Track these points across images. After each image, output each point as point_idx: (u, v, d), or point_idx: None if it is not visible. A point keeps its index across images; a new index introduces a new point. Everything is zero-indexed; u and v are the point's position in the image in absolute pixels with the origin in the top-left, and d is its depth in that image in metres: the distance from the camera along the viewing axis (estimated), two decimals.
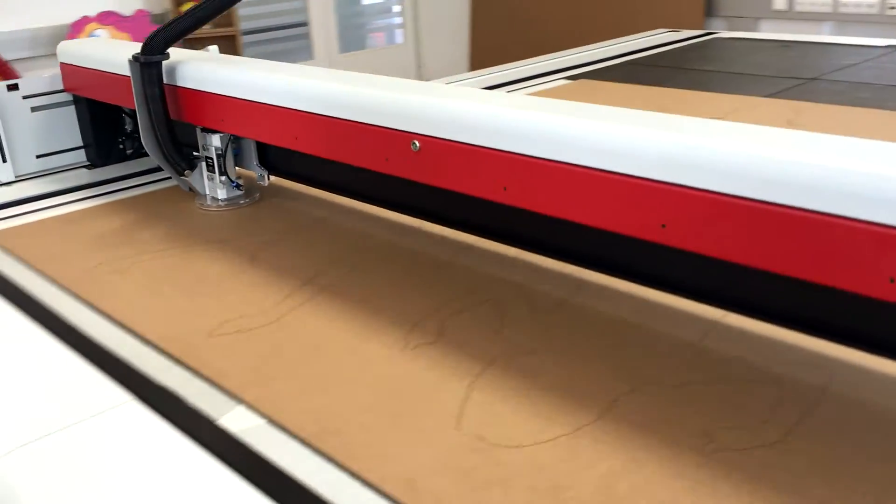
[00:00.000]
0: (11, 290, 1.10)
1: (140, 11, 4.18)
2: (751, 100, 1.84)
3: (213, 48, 1.50)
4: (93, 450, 0.76)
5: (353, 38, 5.23)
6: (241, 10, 4.40)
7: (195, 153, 1.39)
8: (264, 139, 1.25)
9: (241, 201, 1.40)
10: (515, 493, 0.67)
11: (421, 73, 5.41)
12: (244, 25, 4.49)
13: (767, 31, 3.04)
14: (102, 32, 4.09)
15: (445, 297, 1.01)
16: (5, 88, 1.54)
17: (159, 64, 1.29)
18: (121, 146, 1.67)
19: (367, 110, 1.02)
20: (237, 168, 1.40)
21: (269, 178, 1.38)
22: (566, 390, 0.81)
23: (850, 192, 0.64)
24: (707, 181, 0.72)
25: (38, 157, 1.61)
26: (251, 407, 0.81)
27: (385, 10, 5.44)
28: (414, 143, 0.96)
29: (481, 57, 5.11)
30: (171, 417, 0.80)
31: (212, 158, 1.37)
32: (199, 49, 1.49)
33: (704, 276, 0.86)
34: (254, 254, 1.18)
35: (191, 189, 1.43)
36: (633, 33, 2.90)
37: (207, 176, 1.39)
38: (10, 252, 1.23)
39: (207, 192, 1.40)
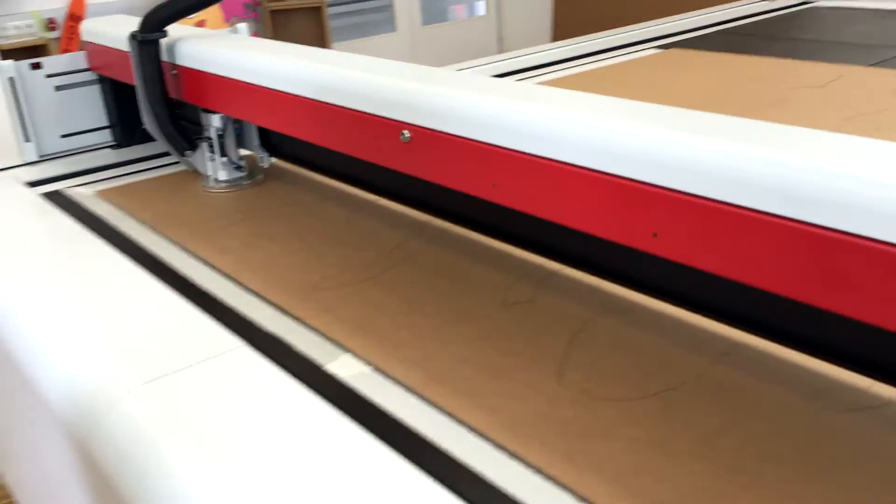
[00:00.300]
0: (129, 245, 1.17)
1: None
2: (853, 69, 1.78)
3: (243, 26, 1.47)
4: (209, 389, 0.80)
5: (436, 10, 5.23)
6: None
7: (197, 136, 1.36)
8: (260, 123, 1.21)
9: (244, 182, 1.36)
10: (617, 443, 0.68)
11: (502, 46, 5.39)
12: None
13: (866, 2, 2.91)
14: None
15: (542, 258, 1.02)
16: (28, 67, 1.51)
17: (157, 42, 1.27)
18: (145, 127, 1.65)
19: (356, 96, 0.97)
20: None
21: (269, 160, 1.36)
22: (665, 348, 0.81)
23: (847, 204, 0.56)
24: (702, 187, 0.64)
25: (62, 136, 1.58)
26: (356, 355, 0.84)
27: None
28: (403, 133, 0.91)
29: (565, 28, 5.04)
30: (281, 362, 0.84)
31: (212, 139, 1.34)
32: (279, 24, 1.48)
33: None
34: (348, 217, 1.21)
35: (194, 169, 1.40)
36: (725, 3, 2.82)
37: (209, 157, 1.36)
38: (122, 209, 1.30)
39: (209, 173, 1.37)
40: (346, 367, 0.82)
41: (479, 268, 1.01)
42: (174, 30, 1.35)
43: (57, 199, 1.36)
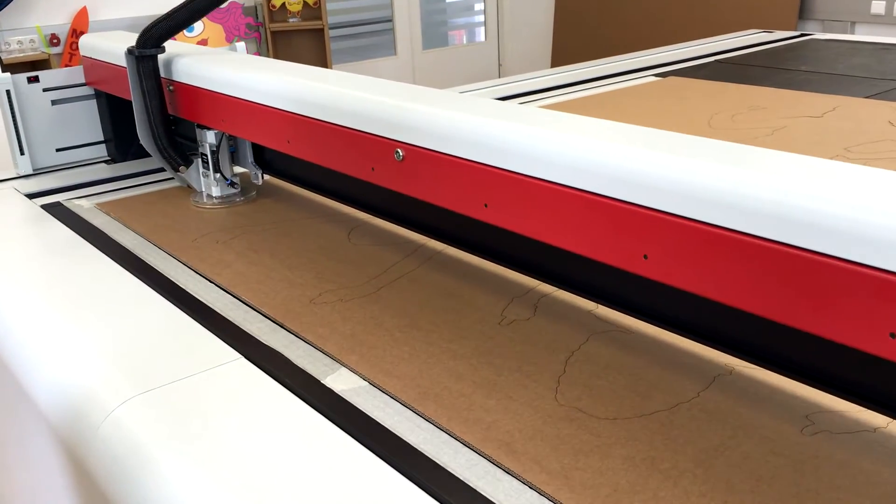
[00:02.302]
0: (127, 257, 1.17)
1: (233, 3, 4.32)
2: (850, 100, 1.81)
3: (241, 45, 1.50)
4: (206, 401, 0.80)
5: (436, 35, 5.28)
6: (329, 5, 4.50)
7: (192, 151, 1.36)
8: (257, 140, 1.21)
9: (237, 199, 1.36)
10: (612, 462, 0.68)
11: (502, 71, 5.43)
12: (331, 20, 4.58)
13: (864, 36, 2.96)
14: (197, 23, 4.23)
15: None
16: (25, 80, 1.51)
17: (155, 58, 1.27)
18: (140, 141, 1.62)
19: (351, 114, 0.97)
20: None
21: (262, 177, 1.36)
22: (661, 369, 0.81)
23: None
24: (693, 210, 0.64)
25: (57, 150, 1.58)
26: (353, 370, 0.84)
27: (468, 8, 5.47)
28: (397, 152, 0.91)
29: (563, 56, 5.09)
30: (278, 376, 0.84)
31: (206, 155, 1.34)
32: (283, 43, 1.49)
33: None
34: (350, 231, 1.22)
35: (188, 185, 1.40)
36: (722, 34, 2.85)
37: (202, 172, 1.36)
38: (122, 221, 1.31)
39: (203, 189, 1.37)
40: (342, 382, 0.82)
41: (477, 285, 1.01)
42: (172, 46, 1.36)
43: (56, 210, 1.36)
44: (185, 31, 4.12)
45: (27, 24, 3.74)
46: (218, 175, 1.35)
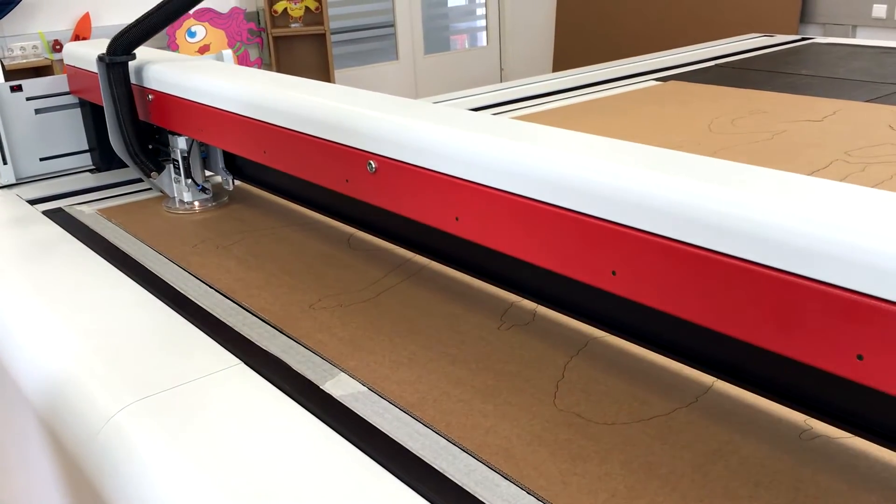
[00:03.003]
0: (126, 261, 1.17)
1: (235, 9, 4.33)
2: (851, 104, 1.81)
3: (227, 52, 1.49)
4: (205, 407, 0.80)
5: (438, 39, 5.29)
6: (331, 10, 4.51)
7: (164, 157, 1.37)
8: (232, 150, 1.20)
9: (209, 204, 1.37)
10: (610, 467, 0.68)
11: (504, 76, 5.43)
12: (333, 25, 4.59)
13: (865, 39, 2.96)
14: (199, 28, 4.24)
15: None
16: (9, 89, 1.50)
17: (125, 65, 1.28)
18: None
19: (325, 125, 0.96)
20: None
21: (233, 183, 1.37)
22: (659, 374, 0.81)
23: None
24: (662, 226, 0.63)
25: (41, 160, 1.56)
26: (352, 375, 0.84)
27: (469, 13, 5.48)
28: (370, 164, 0.90)
29: (565, 60, 5.10)
30: (277, 381, 0.84)
31: (178, 160, 1.35)
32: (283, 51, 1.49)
33: None
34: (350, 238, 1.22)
35: (161, 191, 1.41)
36: (723, 38, 2.86)
37: (174, 178, 1.37)
38: (121, 226, 1.31)
39: (175, 195, 1.38)
40: (341, 387, 0.83)
41: (476, 290, 1.01)
42: (153, 55, 1.36)
43: (57, 216, 1.37)
44: (186, 36, 4.15)
45: (30, 30, 3.75)
46: (189, 181, 1.36)
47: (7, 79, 2.99)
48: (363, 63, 4.93)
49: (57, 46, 3.79)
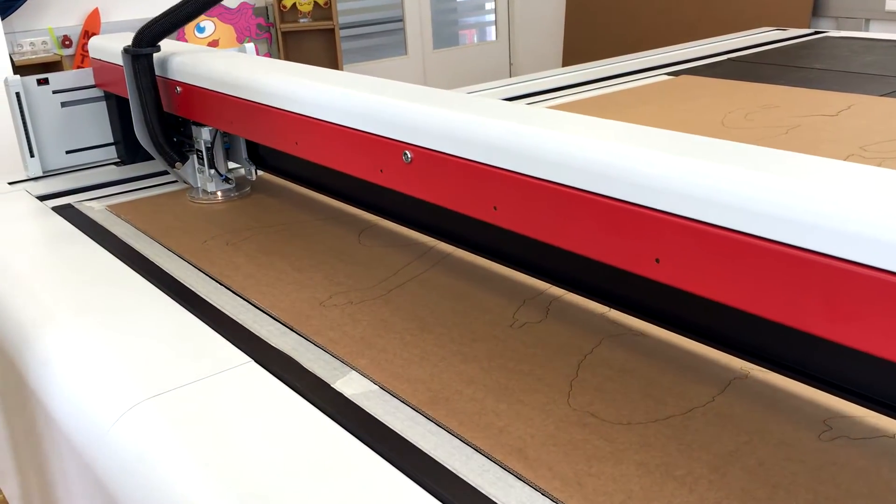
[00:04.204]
0: (138, 259, 1.17)
1: (244, 4, 4.32)
2: (865, 98, 1.78)
3: (250, 46, 1.50)
4: (215, 405, 0.79)
5: (447, 34, 5.27)
6: (339, 5, 4.50)
7: (187, 148, 1.39)
8: (265, 142, 1.20)
9: (231, 194, 1.39)
10: (626, 468, 0.67)
11: (513, 70, 5.41)
12: (342, 20, 4.58)
13: (879, 33, 2.93)
14: (208, 23, 4.24)
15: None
16: (35, 83, 1.52)
17: (150, 56, 1.30)
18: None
19: (360, 116, 0.97)
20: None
21: (256, 173, 1.38)
22: (675, 373, 0.80)
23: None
24: (706, 213, 0.63)
25: (67, 152, 1.58)
26: (364, 373, 0.84)
27: (478, 7, 5.46)
28: (406, 154, 0.91)
29: (575, 54, 5.07)
30: (288, 379, 0.83)
31: (202, 151, 1.36)
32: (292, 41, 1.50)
33: None
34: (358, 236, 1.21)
35: (184, 181, 1.43)
36: (735, 32, 2.83)
37: (198, 169, 1.39)
38: (131, 222, 1.30)
39: (199, 185, 1.40)
40: (353, 385, 0.82)
41: (488, 288, 1.00)
42: (182, 48, 1.37)
43: (67, 212, 1.36)
44: (195, 31, 4.14)
45: (39, 26, 3.75)
46: (213, 171, 1.38)
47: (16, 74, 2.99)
48: (372, 58, 4.92)
49: (66, 42, 3.79)
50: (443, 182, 0.87)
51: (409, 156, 0.90)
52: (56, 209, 1.38)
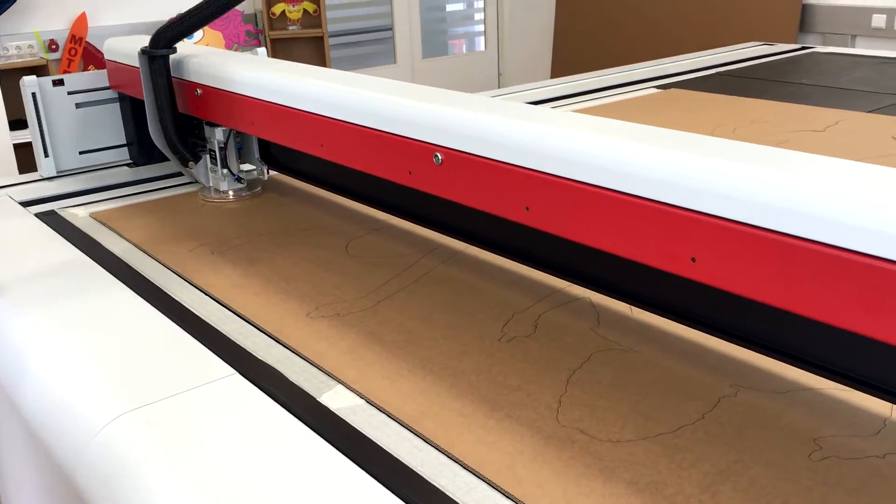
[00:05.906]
0: (121, 267, 1.15)
1: (233, 10, 4.31)
2: (852, 114, 1.79)
3: (261, 50, 1.52)
4: (198, 418, 0.78)
5: (436, 43, 5.27)
6: (329, 13, 4.49)
7: (200, 148, 1.41)
8: (288, 144, 1.21)
9: (243, 194, 1.42)
10: (615, 487, 0.66)
11: (502, 81, 5.42)
12: (331, 28, 4.57)
13: (865, 49, 2.95)
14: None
15: (541, 292, 1.01)
16: (50, 83, 1.52)
17: (166, 57, 1.32)
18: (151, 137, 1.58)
19: (389, 118, 0.98)
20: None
21: (267, 173, 1.40)
22: (665, 390, 0.80)
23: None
24: (741, 213, 0.64)
25: (80, 153, 1.59)
26: (350, 387, 0.82)
27: (468, 17, 5.47)
28: (436, 156, 0.92)
29: (564, 66, 5.09)
30: (273, 392, 0.82)
31: (215, 151, 1.39)
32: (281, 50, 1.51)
33: None
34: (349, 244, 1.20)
35: (197, 180, 1.45)
36: (723, 46, 2.85)
37: (210, 168, 1.41)
38: (116, 231, 1.29)
39: (211, 184, 1.43)
40: (339, 399, 0.81)
41: (477, 300, 1.00)
42: (202, 51, 1.38)
43: (50, 219, 1.35)
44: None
45: (26, 30, 3.72)
46: (225, 170, 1.40)
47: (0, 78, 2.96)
48: (361, 66, 4.91)
49: (53, 46, 3.76)
50: (474, 184, 0.88)
51: (440, 158, 0.90)
52: (39, 215, 1.36)
